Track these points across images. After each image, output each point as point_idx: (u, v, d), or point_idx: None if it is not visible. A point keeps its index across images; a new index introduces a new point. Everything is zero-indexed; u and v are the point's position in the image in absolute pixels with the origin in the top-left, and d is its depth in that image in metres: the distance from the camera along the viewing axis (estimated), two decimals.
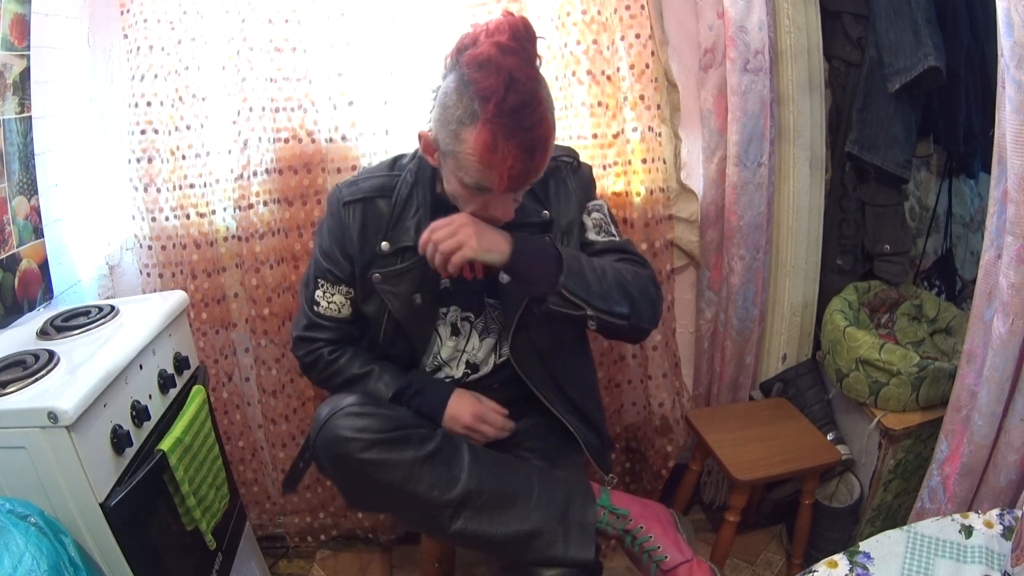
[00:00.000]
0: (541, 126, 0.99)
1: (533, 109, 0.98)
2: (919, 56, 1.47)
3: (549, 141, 1.02)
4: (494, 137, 0.97)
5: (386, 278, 1.21)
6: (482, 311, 1.27)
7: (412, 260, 1.20)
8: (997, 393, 1.14)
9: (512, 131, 0.97)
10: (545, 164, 1.04)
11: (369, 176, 1.26)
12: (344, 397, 1.12)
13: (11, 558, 0.85)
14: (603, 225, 1.28)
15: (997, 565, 0.97)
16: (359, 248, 1.21)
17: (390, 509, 1.22)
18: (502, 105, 0.95)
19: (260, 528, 1.83)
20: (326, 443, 1.07)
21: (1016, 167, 1.05)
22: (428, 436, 1.10)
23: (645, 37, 1.53)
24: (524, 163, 0.99)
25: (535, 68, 1.01)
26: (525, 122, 0.97)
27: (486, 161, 0.99)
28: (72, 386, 0.99)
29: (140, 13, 1.46)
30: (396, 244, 1.21)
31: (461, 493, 1.07)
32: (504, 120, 0.96)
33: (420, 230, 1.15)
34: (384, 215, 1.21)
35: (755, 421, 1.65)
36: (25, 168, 1.37)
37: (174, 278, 1.62)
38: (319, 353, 1.28)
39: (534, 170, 1.02)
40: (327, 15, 1.50)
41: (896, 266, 1.73)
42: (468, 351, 1.29)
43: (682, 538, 1.21)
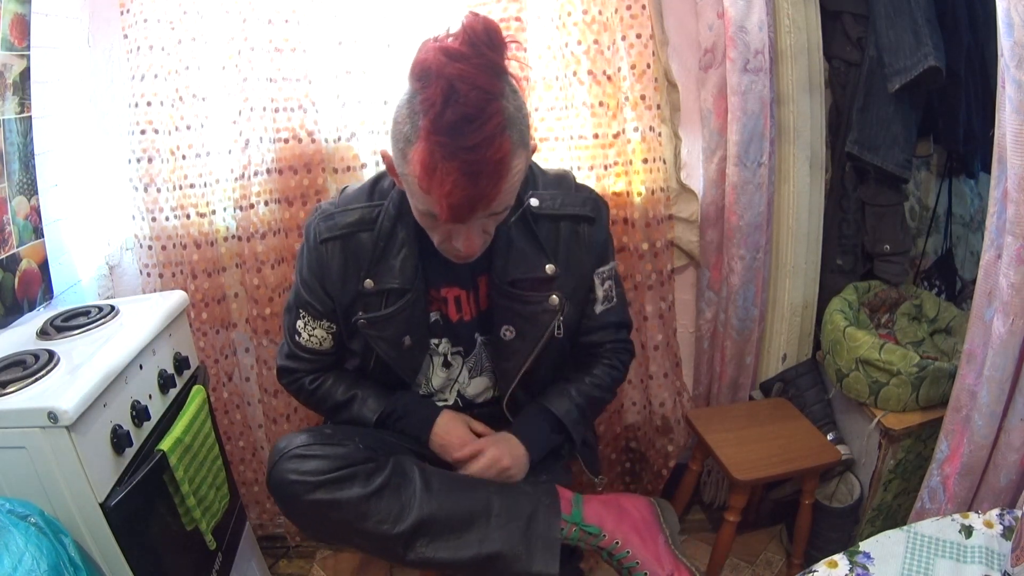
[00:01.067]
0: (489, 146, 0.84)
1: (479, 126, 0.83)
2: (919, 56, 1.47)
3: (503, 165, 0.87)
4: (431, 157, 0.85)
5: (372, 323, 1.14)
6: (472, 349, 1.24)
7: (399, 303, 1.13)
8: (997, 393, 1.14)
9: (451, 150, 0.84)
10: (503, 192, 0.91)
11: (346, 208, 1.14)
12: (295, 436, 1.10)
13: (11, 558, 0.85)
14: (610, 295, 1.22)
15: (997, 565, 0.97)
16: (340, 287, 1.14)
17: (347, 543, 1.22)
18: (438, 120, 0.83)
19: (260, 528, 1.82)
20: (275, 487, 1.08)
21: (1016, 167, 1.05)
22: (377, 469, 1.08)
23: (646, 37, 1.53)
24: (465, 189, 0.85)
25: (494, 79, 0.86)
26: (466, 141, 0.83)
27: (424, 184, 0.87)
28: (72, 386, 1.00)
29: (140, 13, 1.46)
30: (381, 285, 1.12)
31: (412, 524, 1.05)
32: (441, 137, 0.84)
33: (406, 269, 1.11)
34: (366, 249, 1.12)
35: (755, 421, 1.65)
36: (25, 168, 1.37)
37: (174, 278, 1.62)
38: (300, 383, 1.26)
39: (482, 198, 0.87)
40: (327, 15, 1.50)
41: (896, 266, 1.73)
42: (460, 382, 1.27)
43: (664, 538, 1.18)
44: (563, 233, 1.14)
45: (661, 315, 1.71)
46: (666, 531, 1.20)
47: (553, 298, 1.13)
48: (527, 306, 1.14)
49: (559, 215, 1.14)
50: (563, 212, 1.14)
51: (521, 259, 1.12)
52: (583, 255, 1.16)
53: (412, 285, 1.12)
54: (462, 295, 1.18)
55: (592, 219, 1.16)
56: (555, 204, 1.14)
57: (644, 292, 1.69)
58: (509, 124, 0.88)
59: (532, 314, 1.14)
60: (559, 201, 1.14)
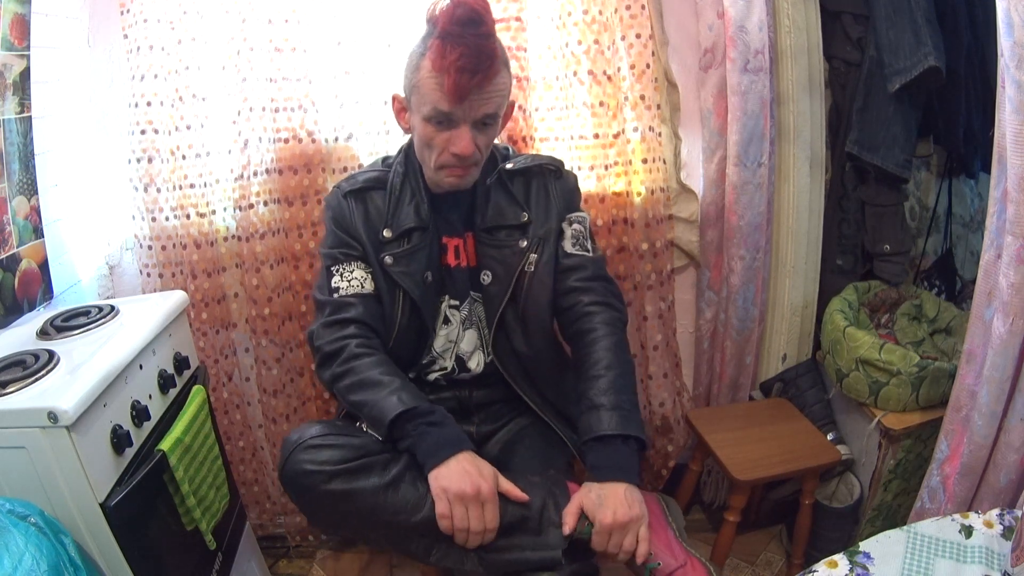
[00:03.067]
0: (488, 38, 1.09)
1: (480, 25, 1.08)
2: (919, 56, 1.47)
3: (497, 60, 1.10)
4: (443, 44, 1.07)
5: (397, 260, 1.23)
6: (465, 298, 1.31)
7: (418, 241, 1.24)
8: (997, 393, 1.14)
9: (460, 37, 1.06)
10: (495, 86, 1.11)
11: (364, 172, 1.31)
12: (308, 428, 1.10)
13: (11, 558, 0.85)
14: (580, 238, 1.30)
15: (997, 565, 0.97)
16: (365, 233, 1.24)
17: (362, 536, 1.21)
18: (451, 16, 1.06)
19: (260, 528, 1.82)
20: (290, 478, 1.07)
21: (1016, 167, 1.05)
22: (392, 460, 1.08)
23: (646, 37, 1.53)
24: (470, 60, 1.06)
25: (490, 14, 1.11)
26: (473, 30, 1.07)
27: (438, 66, 1.08)
28: (72, 386, 1.00)
29: (140, 13, 1.46)
30: (399, 229, 1.24)
31: (428, 515, 1.05)
32: (453, 28, 1.06)
33: (420, 212, 1.24)
34: (381, 207, 1.25)
35: (755, 421, 1.65)
36: (25, 168, 1.37)
37: (174, 278, 1.62)
38: (346, 342, 1.18)
39: (480, 72, 1.08)
40: (327, 15, 1.50)
41: (896, 266, 1.73)
42: (457, 342, 1.31)
43: (672, 532, 1.19)
44: (533, 186, 1.30)
45: (661, 315, 1.71)
46: (673, 526, 1.20)
47: (523, 241, 1.26)
48: (501, 250, 1.27)
49: (529, 168, 1.31)
50: (531, 165, 1.31)
51: (497, 211, 1.27)
52: (552, 203, 1.30)
53: (427, 224, 1.25)
54: (459, 244, 1.29)
55: (558, 171, 1.33)
56: (525, 162, 1.32)
57: (644, 292, 1.69)
58: (498, 44, 1.13)
59: (504, 257, 1.26)
60: (529, 160, 1.32)
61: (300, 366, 1.69)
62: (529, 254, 1.25)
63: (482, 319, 1.31)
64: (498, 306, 1.26)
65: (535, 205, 1.28)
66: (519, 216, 1.27)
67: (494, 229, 1.27)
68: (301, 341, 1.66)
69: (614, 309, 1.27)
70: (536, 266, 1.25)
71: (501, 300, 1.26)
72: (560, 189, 1.31)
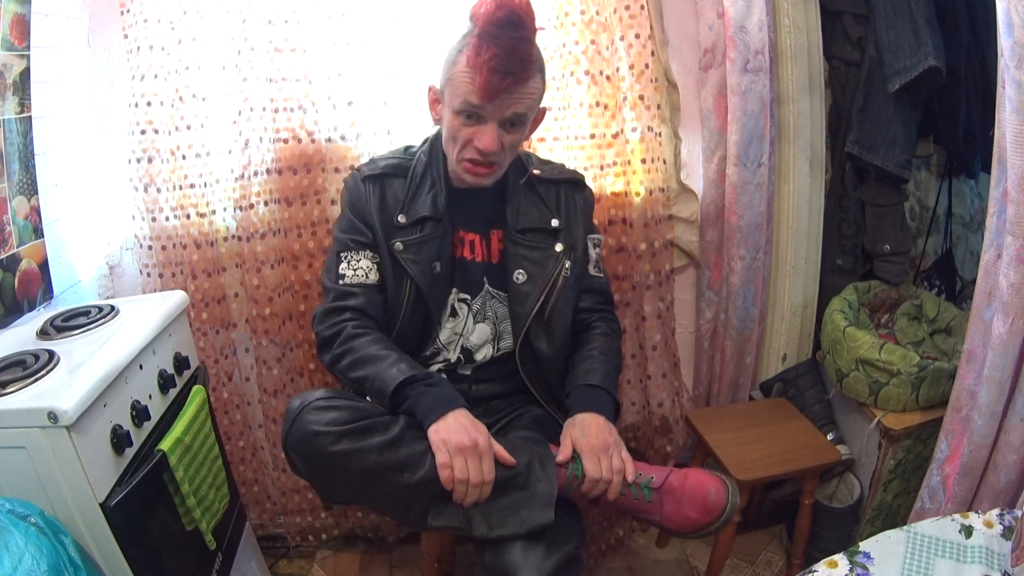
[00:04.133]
0: (525, 43, 1.11)
1: (519, 29, 1.10)
2: (919, 56, 1.47)
3: (530, 64, 1.13)
4: (480, 41, 1.10)
5: (407, 247, 1.26)
6: (479, 292, 1.32)
7: (431, 230, 1.27)
8: (997, 393, 1.14)
9: (496, 38, 1.09)
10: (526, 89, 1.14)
11: (385, 157, 1.34)
12: (311, 392, 1.13)
13: (11, 558, 0.85)
14: (599, 262, 1.41)
15: (997, 565, 0.97)
16: (378, 219, 1.27)
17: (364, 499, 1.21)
18: (491, 17, 1.09)
19: (260, 528, 1.82)
20: (298, 439, 1.08)
21: (1016, 167, 1.05)
22: (393, 421, 1.12)
23: (645, 37, 1.53)
24: (502, 61, 1.09)
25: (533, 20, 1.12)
26: (510, 32, 1.09)
27: (472, 63, 1.11)
28: (72, 386, 0.99)
29: (140, 13, 1.46)
30: (414, 216, 1.27)
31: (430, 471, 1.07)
32: (491, 28, 1.09)
33: (437, 202, 1.27)
34: (399, 193, 1.29)
35: (755, 421, 1.65)
36: (25, 168, 1.37)
37: (174, 278, 1.62)
38: (342, 325, 1.24)
39: (511, 75, 1.10)
40: (327, 15, 1.50)
41: (896, 266, 1.73)
42: (464, 335, 1.32)
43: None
44: (562, 195, 1.36)
45: (660, 315, 1.71)
46: None
47: (558, 246, 1.31)
48: (535, 251, 1.31)
49: (557, 180, 1.37)
50: (560, 178, 1.37)
51: (529, 213, 1.32)
52: (579, 216, 1.37)
53: (442, 216, 1.28)
54: (476, 239, 1.32)
55: (583, 186, 1.40)
56: (553, 172, 1.38)
57: (643, 292, 1.69)
58: (536, 50, 1.17)
59: (541, 259, 1.30)
60: (555, 171, 1.39)
61: (300, 366, 1.69)
62: (564, 260, 1.31)
63: (498, 315, 1.33)
64: (532, 306, 1.29)
65: (564, 214, 1.34)
66: (550, 221, 1.32)
67: (527, 231, 1.31)
68: (301, 341, 1.66)
69: (615, 322, 1.44)
70: (570, 272, 1.31)
71: (536, 300, 1.29)
72: (583, 203, 1.38)
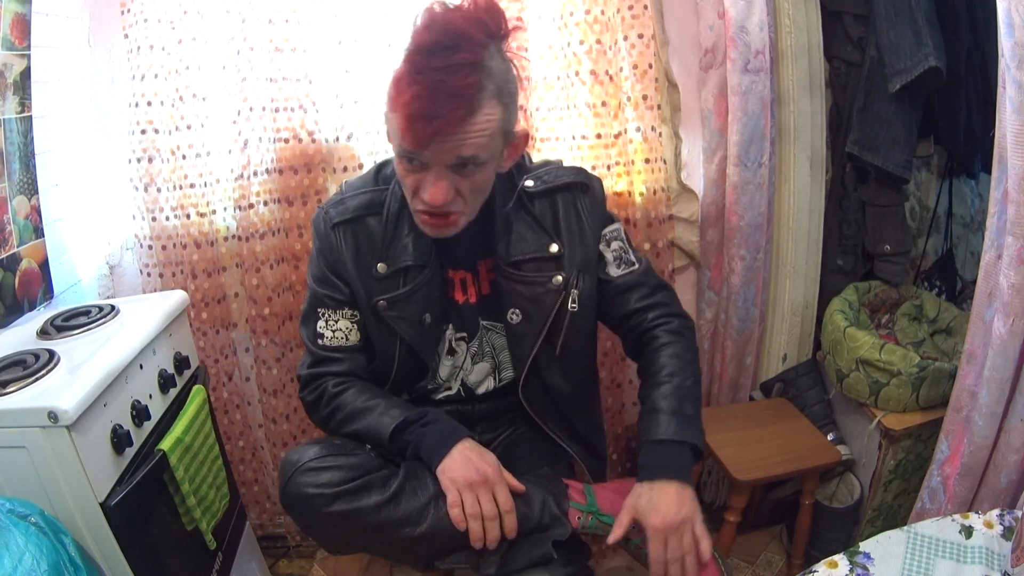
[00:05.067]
0: (454, 73, 0.90)
1: (449, 54, 0.90)
2: (920, 56, 1.47)
3: (465, 97, 0.91)
4: (402, 73, 0.93)
5: (392, 304, 1.13)
6: (476, 333, 1.22)
7: (416, 280, 1.13)
8: (997, 393, 1.14)
9: (419, 68, 0.91)
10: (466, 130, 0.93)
11: (355, 193, 1.17)
12: (307, 449, 1.06)
13: (11, 558, 0.85)
14: (623, 254, 1.19)
15: (997, 565, 0.97)
16: (355, 272, 1.14)
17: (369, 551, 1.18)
18: (416, 40, 0.93)
19: (260, 528, 1.82)
20: (292, 500, 1.04)
21: (1016, 167, 1.05)
22: (391, 475, 1.06)
23: (647, 37, 1.53)
24: (424, 103, 0.90)
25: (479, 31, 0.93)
26: (435, 62, 0.90)
27: (393, 100, 0.94)
28: (72, 386, 0.99)
29: (140, 13, 1.46)
30: (395, 265, 1.13)
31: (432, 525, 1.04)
32: (414, 56, 0.92)
33: (419, 246, 1.12)
34: (376, 235, 1.13)
35: (755, 421, 1.65)
36: (25, 168, 1.37)
37: (174, 278, 1.62)
38: (323, 388, 1.17)
39: (438, 118, 0.91)
40: (327, 15, 1.50)
41: (896, 266, 1.73)
42: (464, 369, 1.24)
43: None
44: (560, 208, 1.15)
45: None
46: None
47: (557, 279, 1.13)
48: (531, 287, 1.14)
49: (553, 188, 1.15)
50: (556, 184, 1.16)
51: (521, 240, 1.13)
52: (585, 224, 1.16)
53: (428, 261, 1.13)
54: (467, 277, 1.19)
55: (585, 186, 1.17)
56: (547, 179, 1.16)
57: None
58: (484, 72, 0.93)
59: (536, 296, 1.14)
60: (551, 176, 1.17)
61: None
62: (570, 291, 1.14)
63: (495, 346, 1.22)
64: (530, 348, 1.15)
65: (566, 231, 1.14)
66: (547, 246, 1.13)
67: (521, 262, 1.13)
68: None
69: (679, 317, 1.20)
70: (579, 302, 1.14)
71: (534, 341, 1.15)
72: (590, 206, 1.17)
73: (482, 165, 1.00)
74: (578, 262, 1.15)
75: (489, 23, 0.96)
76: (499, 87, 0.96)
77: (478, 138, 0.95)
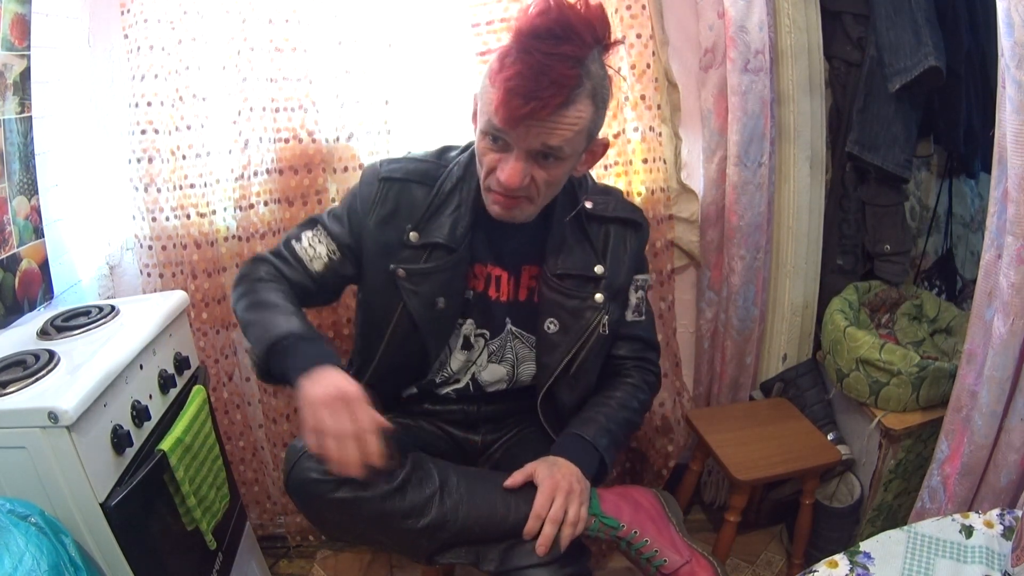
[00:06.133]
0: (560, 61, 0.92)
1: (558, 42, 0.92)
2: (919, 56, 1.47)
3: (565, 86, 0.93)
4: (510, 48, 0.95)
5: (410, 275, 1.13)
6: (499, 332, 1.22)
7: (441, 260, 1.14)
8: (997, 393, 1.14)
9: (528, 49, 0.92)
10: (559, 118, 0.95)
11: (415, 159, 1.19)
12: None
13: (11, 558, 0.85)
14: (640, 304, 1.26)
15: (997, 565, 0.97)
16: (378, 230, 1.14)
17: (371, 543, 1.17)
18: (529, 24, 0.94)
19: (260, 528, 1.82)
20: (297, 484, 1.04)
21: (1016, 167, 1.05)
22: (397, 466, 1.05)
23: (646, 37, 1.53)
24: (527, 83, 0.91)
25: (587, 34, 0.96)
26: (544, 46, 0.92)
27: (494, 73, 0.96)
28: (72, 386, 1.00)
29: (140, 13, 1.46)
30: (426, 238, 1.13)
31: (436, 518, 1.04)
32: (524, 39, 0.93)
33: (456, 228, 1.13)
34: (419, 204, 1.14)
35: (755, 421, 1.65)
36: (25, 168, 1.37)
37: (174, 278, 1.62)
38: (257, 269, 1.16)
39: (536, 99, 0.92)
40: (327, 15, 1.50)
41: (896, 266, 1.73)
42: (477, 364, 1.24)
43: (674, 528, 1.18)
44: (612, 236, 1.20)
45: (661, 315, 1.71)
46: (673, 521, 1.20)
47: (598, 296, 1.17)
48: (572, 300, 1.17)
49: (610, 217, 1.20)
50: (614, 215, 1.20)
51: (571, 255, 1.17)
52: (626, 260, 1.21)
53: (459, 247, 1.14)
54: (503, 276, 1.20)
55: (639, 225, 1.23)
56: (607, 207, 1.21)
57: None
58: (584, 70, 0.96)
59: (576, 309, 1.17)
60: (611, 206, 1.21)
61: None
62: (603, 314, 1.18)
63: (519, 356, 1.23)
64: (561, 358, 1.18)
65: (611, 259, 1.19)
66: (592, 266, 1.17)
67: (565, 276, 1.17)
68: None
69: (656, 376, 1.32)
70: (607, 328, 1.19)
71: (566, 353, 1.18)
72: (636, 245, 1.23)
73: (562, 160, 1.02)
74: (614, 291, 1.20)
75: (598, 28, 0.98)
76: (595, 89, 0.99)
77: (567, 131, 0.98)
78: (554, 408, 1.24)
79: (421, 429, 1.28)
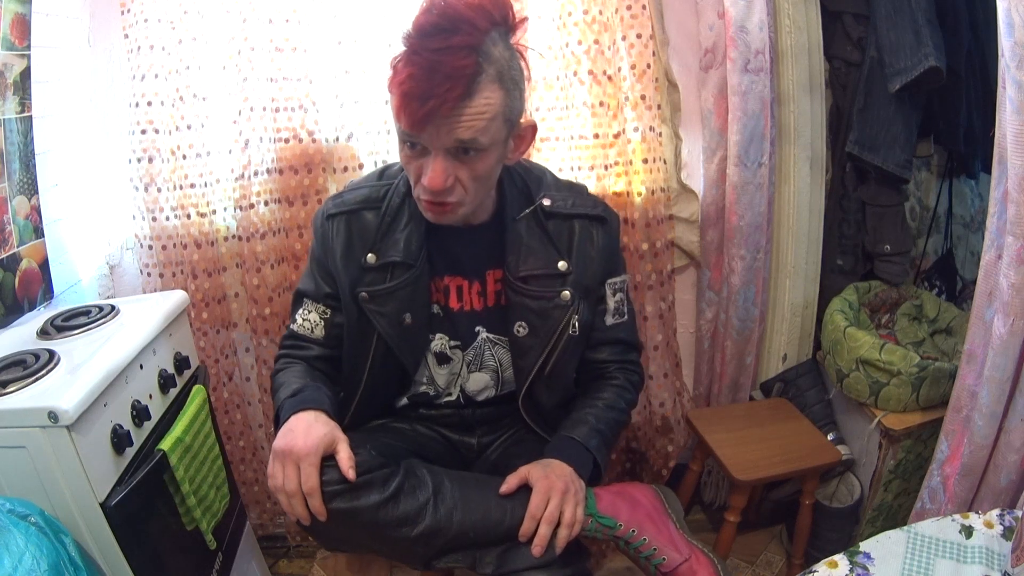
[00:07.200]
0: (452, 54, 0.90)
1: (447, 37, 0.90)
2: (920, 56, 1.47)
3: (462, 78, 0.91)
4: (401, 55, 0.93)
5: (373, 297, 1.14)
6: (472, 342, 1.22)
7: (402, 277, 1.14)
8: (997, 393, 1.14)
9: (416, 50, 0.91)
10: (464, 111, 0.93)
11: (355, 188, 1.20)
12: None
13: (11, 558, 0.85)
14: (620, 306, 1.24)
15: (997, 565, 0.97)
16: (343, 265, 1.15)
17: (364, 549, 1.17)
18: (416, 23, 0.92)
19: (260, 528, 1.82)
20: None
21: (1016, 167, 1.05)
22: (391, 474, 1.05)
23: (646, 37, 1.53)
24: (419, 83, 0.90)
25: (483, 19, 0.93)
26: (432, 43, 0.90)
27: (390, 83, 0.94)
28: (72, 386, 1.00)
29: (140, 13, 1.46)
30: (384, 258, 1.13)
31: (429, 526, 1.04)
32: (413, 38, 0.92)
33: (411, 243, 1.13)
34: (371, 227, 1.15)
35: (755, 421, 1.65)
36: (25, 168, 1.37)
37: (174, 278, 1.62)
38: (275, 368, 1.23)
39: (433, 98, 0.90)
40: (327, 15, 1.50)
41: (896, 266, 1.73)
42: (461, 376, 1.25)
43: (673, 524, 1.18)
44: (576, 232, 1.17)
45: (661, 315, 1.71)
46: (673, 517, 1.20)
47: (565, 294, 1.15)
48: (538, 302, 1.15)
49: (571, 214, 1.17)
50: (575, 212, 1.17)
51: (532, 255, 1.14)
52: (595, 257, 1.18)
53: (416, 261, 1.14)
54: (464, 284, 1.19)
55: (604, 220, 1.19)
56: (567, 204, 1.17)
57: (644, 292, 1.69)
58: (484, 56, 0.93)
59: (544, 310, 1.15)
60: (571, 202, 1.18)
61: None
62: (572, 312, 1.16)
63: (502, 362, 1.23)
64: (534, 361, 1.17)
65: (578, 256, 1.16)
66: (555, 263, 1.15)
67: (528, 278, 1.15)
68: None
69: (640, 376, 1.31)
70: (578, 329, 1.17)
71: (539, 354, 1.17)
72: (604, 240, 1.19)
73: (483, 152, 0.99)
74: (582, 288, 1.17)
75: (493, 11, 0.95)
76: (500, 72, 0.95)
77: (476, 121, 0.94)
78: (536, 409, 1.25)
79: (417, 433, 1.28)
